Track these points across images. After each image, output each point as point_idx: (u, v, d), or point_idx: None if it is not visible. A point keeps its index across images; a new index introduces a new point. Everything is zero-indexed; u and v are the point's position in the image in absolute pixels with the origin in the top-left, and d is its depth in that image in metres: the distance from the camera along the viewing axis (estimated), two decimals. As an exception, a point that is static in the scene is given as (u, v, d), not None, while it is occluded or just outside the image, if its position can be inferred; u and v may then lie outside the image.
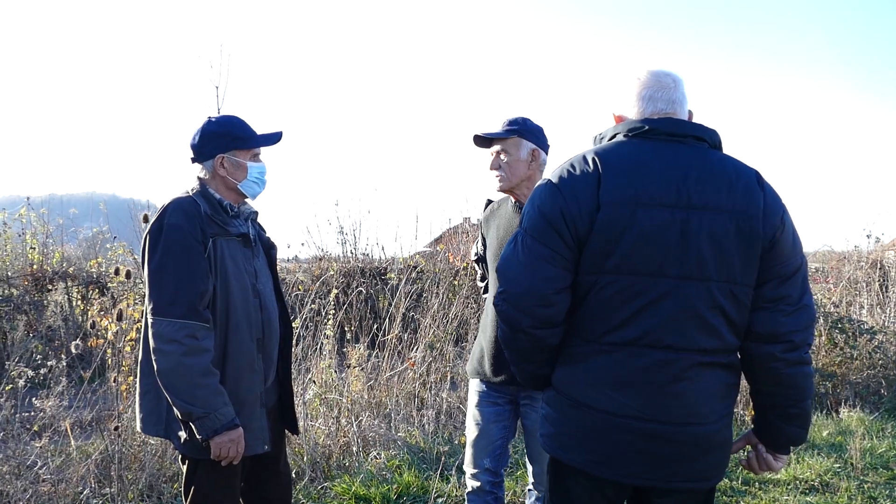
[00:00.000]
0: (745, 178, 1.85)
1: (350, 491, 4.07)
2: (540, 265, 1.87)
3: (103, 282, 9.65)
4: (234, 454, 2.36)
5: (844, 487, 4.54)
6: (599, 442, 1.88)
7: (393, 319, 6.05)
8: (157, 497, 3.94)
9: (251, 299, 2.50)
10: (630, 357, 1.84)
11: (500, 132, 2.87)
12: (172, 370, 2.27)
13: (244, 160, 2.53)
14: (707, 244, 1.79)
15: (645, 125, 1.89)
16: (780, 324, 1.84)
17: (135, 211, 9.61)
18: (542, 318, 1.90)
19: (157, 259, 2.32)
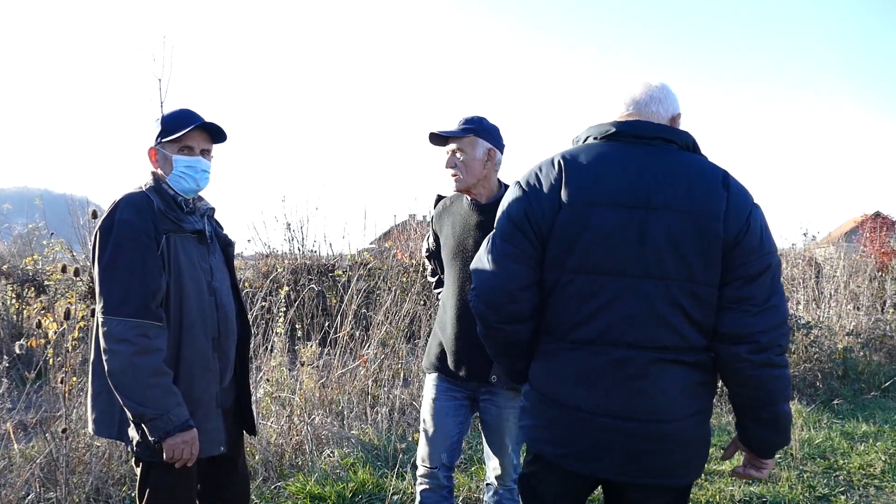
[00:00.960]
0: (709, 178, 1.87)
1: (304, 490, 4.03)
2: (505, 263, 1.95)
3: (40, 280, 9.32)
4: (187, 456, 2.29)
5: (786, 477, 4.71)
6: (568, 436, 1.94)
7: (345, 317, 6.01)
8: (105, 501, 3.83)
9: (206, 297, 2.44)
10: (592, 355, 1.89)
11: (456, 131, 2.86)
12: (123, 370, 2.20)
13: (171, 153, 2.43)
14: (665, 244, 1.82)
15: (612, 128, 1.95)
16: (745, 324, 1.84)
17: (73, 206, 9.31)
18: (509, 314, 1.98)
19: (108, 256, 2.24)
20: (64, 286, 8.42)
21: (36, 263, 9.59)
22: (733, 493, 4.44)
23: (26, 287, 9.45)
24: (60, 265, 5.02)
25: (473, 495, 4.16)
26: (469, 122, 2.88)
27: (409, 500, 3.97)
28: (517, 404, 2.87)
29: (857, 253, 11.76)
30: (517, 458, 2.98)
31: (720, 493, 4.41)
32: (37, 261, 9.69)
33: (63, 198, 9.93)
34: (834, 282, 9.07)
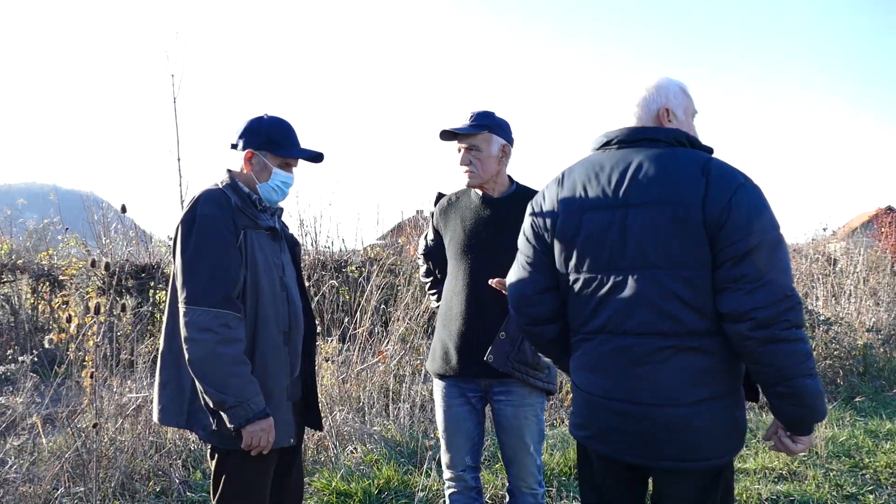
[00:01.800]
0: (687, 168, 1.95)
1: (330, 486, 4.01)
2: (522, 272, 2.23)
3: (55, 274, 9.33)
4: (265, 444, 2.35)
5: (812, 476, 4.67)
6: (590, 420, 2.12)
7: (364, 313, 6.00)
8: (131, 496, 3.83)
9: (279, 292, 2.50)
10: (600, 344, 2.06)
11: (470, 128, 2.82)
12: (205, 359, 2.27)
13: (272, 164, 2.53)
14: (644, 236, 1.95)
15: (604, 137, 2.13)
16: (741, 302, 1.86)
17: (87, 202, 9.31)
18: (532, 316, 2.23)
19: (192, 248, 2.32)
20: (80, 280, 8.43)
21: (51, 258, 9.60)
22: (760, 491, 4.40)
23: (41, 282, 9.47)
24: (90, 260, 5.01)
25: (499, 493, 4.13)
26: (482, 117, 2.85)
27: (435, 497, 3.95)
28: (534, 401, 2.84)
29: (871, 248, 11.69)
30: (539, 458, 2.92)
31: (746, 492, 4.37)
32: (52, 256, 9.71)
33: (73, 193, 9.94)
34: (853, 277, 9.00)
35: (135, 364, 4.72)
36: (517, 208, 2.82)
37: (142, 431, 4.23)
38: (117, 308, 4.66)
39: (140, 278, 8.79)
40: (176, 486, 3.98)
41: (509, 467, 2.94)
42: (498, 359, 2.74)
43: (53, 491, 3.64)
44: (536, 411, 2.87)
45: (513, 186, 2.93)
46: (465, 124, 2.84)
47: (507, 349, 2.75)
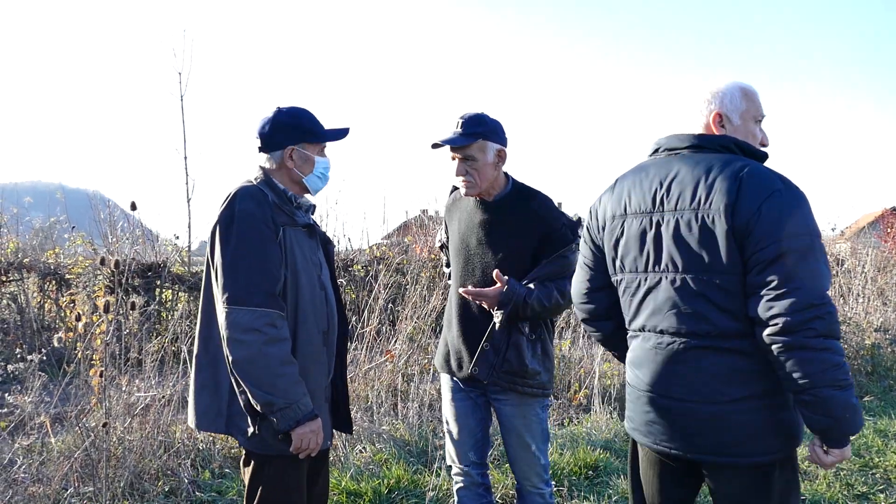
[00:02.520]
0: (721, 175, 1.98)
1: (340, 486, 4.00)
2: (580, 271, 2.39)
3: (61, 273, 9.33)
4: (314, 445, 2.30)
5: (822, 475, 4.65)
6: (635, 412, 2.23)
7: (372, 312, 5.98)
8: (140, 495, 3.82)
9: (317, 291, 2.44)
10: (643, 341, 2.17)
11: (464, 139, 2.72)
12: (252, 360, 2.19)
13: (313, 154, 2.48)
14: (675, 241, 2.04)
15: (655, 146, 2.23)
16: (766, 308, 1.88)
17: (94, 201, 9.32)
18: (587, 312, 2.38)
19: (232, 246, 2.24)
20: (86, 279, 8.43)
21: (57, 257, 9.60)
22: (771, 491, 4.37)
23: (48, 280, 9.47)
24: (99, 258, 5.00)
25: (510, 492, 4.11)
26: (474, 124, 2.74)
27: (444, 496, 3.94)
28: (533, 401, 2.83)
29: (878, 248, 11.63)
30: (545, 457, 2.90)
31: (758, 492, 4.35)
32: (58, 254, 9.71)
33: (78, 192, 9.95)
34: (861, 277, 8.96)
35: (143, 363, 4.70)
36: (511, 209, 2.81)
37: (150, 431, 4.21)
38: (126, 307, 4.65)
39: (146, 277, 8.79)
40: (185, 485, 3.96)
41: (514, 466, 2.94)
42: (482, 370, 2.75)
43: (63, 491, 3.63)
44: (537, 411, 2.85)
45: (509, 186, 2.86)
46: (456, 133, 2.73)
47: (491, 360, 2.75)
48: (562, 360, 6.56)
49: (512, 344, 2.74)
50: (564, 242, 2.77)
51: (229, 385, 2.29)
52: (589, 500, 4.11)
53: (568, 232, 2.79)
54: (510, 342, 2.74)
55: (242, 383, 2.22)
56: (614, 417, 5.76)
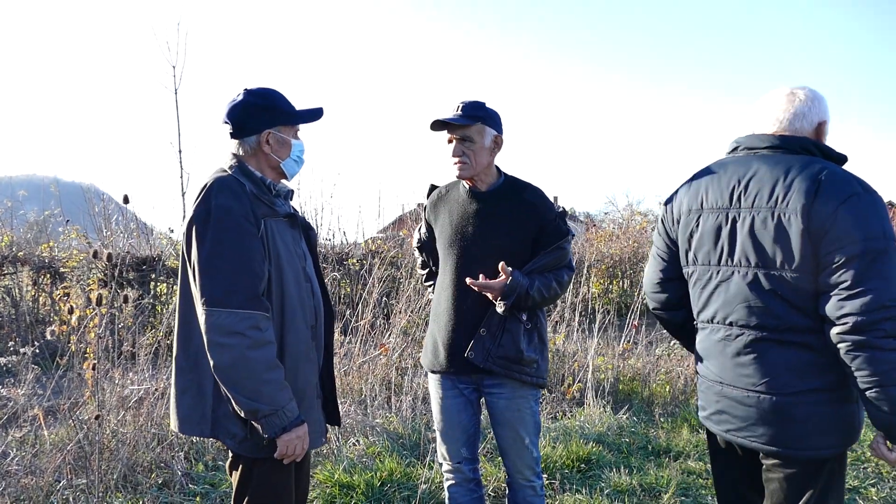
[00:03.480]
0: (799, 175, 2.05)
1: (333, 479, 4.01)
2: (653, 262, 2.51)
3: (56, 266, 9.31)
4: (300, 451, 2.22)
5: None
6: (706, 401, 2.34)
7: (366, 305, 5.99)
8: (133, 488, 3.82)
9: (303, 283, 2.33)
10: (711, 332, 2.28)
11: (465, 119, 2.75)
12: (235, 365, 2.07)
13: (289, 136, 2.36)
14: (750, 238, 2.12)
15: (735, 143, 2.32)
16: (838, 307, 1.95)
17: (88, 194, 9.30)
18: (661, 302, 2.50)
19: (209, 244, 2.10)
20: (81, 272, 8.42)
21: (52, 250, 9.58)
22: (762, 484, 4.39)
23: (42, 274, 9.45)
24: (91, 251, 4.99)
25: (501, 485, 4.13)
26: (475, 108, 2.78)
27: (437, 489, 3.95)
28: (526, 393, 2.84)
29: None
30: (537, 450, 2.92)
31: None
32: (52, 248, 9.69)
33: (74, 185, 9.91)
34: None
35: (136, 356, 4.70)
36: (504, 202, 2.82)
37: (144, 423, 4.22)
38: (119, 300, 4.64)
39: (141, 270, 8.78)
40: (178, 478, 3.97)
41: (506, 459, 2.94)
42: (478, 355, 2.75)
43: (55, 483, 3.63)
44: (530, 403, 2.86)
45: (500, 178, 2.88)
46: (457, 114, 2.76)
47: (487, 345, 2.75)
48: (556, 354, 6.57)
49: (507, 330, 2.75)
50: (559, 233, 2.81)
51: (213, 388, 2.18)
52: (581, 494, 4.13)
53: (561, 223, 2.83)
54: (505, 328, 2.75)
55: (225, 389, 2.12)
56: (607, 411, 5.78)
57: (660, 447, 5.14)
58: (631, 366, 6.92)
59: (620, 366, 6.77)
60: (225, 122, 2.34)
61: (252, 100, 2.32)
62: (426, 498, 3.86)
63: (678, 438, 5.37)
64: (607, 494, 4.15)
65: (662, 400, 6.41)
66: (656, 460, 4.89)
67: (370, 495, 3.91)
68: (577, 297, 7.23)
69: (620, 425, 5.52)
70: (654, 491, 4.28)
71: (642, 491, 4.27)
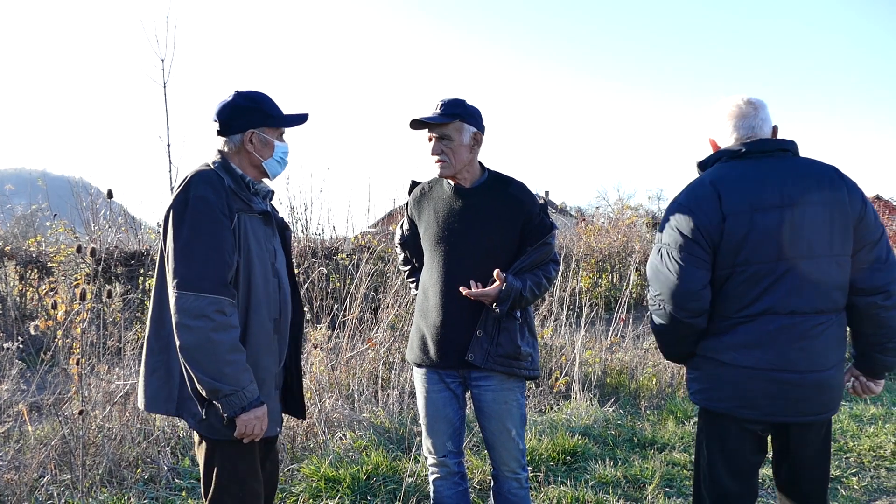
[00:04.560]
0: (828, 175, 2.41)
1: (319, 473, 4.02)
2: (688, 269, 2.45)
3: (43, 261, 9.28)
4: (258, 432, 2.32)
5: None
6: (743, 391, 2.44)
7: (353, 300, 5.99)
8: (119, 483, 3.82)
9: (271, 278, 2.45)
10: (762, 324, 2.39)
11: (441, 117, 2.77)
12: (200, 346, 2.20)
13: (272, 138, 2.50)
14: (810, 230, 2.35)
15: (742, 148, 2.47)
16: (878, 278, 2.39)
17: (76, 188, 9.24)
18: (695, 310, 2.48)
19: (185, 232, 2.25)
20: (68, 267, 8.39)
21: (39, 245, 9.54)
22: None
23: (29, 268, 9.41)
24: (75, 246, 4.98)
25: (486, 478, 4.15)
26: (453, 106, 2.79)
27: (423, 483, 3.96)
28: (514, 386, 2.86)
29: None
30: (522, 442, 2.94)
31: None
32: (40, 242, 9.65)
33: (63, 179, 9.85)
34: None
35: (123, 351, 4.70)
36: (489, 197, 2.84)
37: (130, 419, 4.22)
38: (104, 295, 4.63)
39: (129, 265, 8.76)
40: (164, 473, 3.97)
41: (492, 452, 2.96)
42: (478, 357, 2.77)
43: (39, 479, 3.63)
44: (517, 395, 2.88)
45: (484, 175, 2.91)
46: (435, 113, 2.78)
47: (485, 346, 2.77)
48: (543, 348, 6.59)
49: (504, 329, 2.78)
50: (544, 228, 2.84)
51: (181, 368, 2.29)
52: (566, 486, 4.15)
53: (545, 217, 2.87)
54: (501, 327, 2.78)
55: (189, 369, 2.24)
56: (594, 404, 5.81)
57: (645, 439, 5.18)
58: (618, 359, 6.96)
59: (608, 359, 6.80)
60: (213, 120, 2.48)
61: (240, 101, 2.47)
62: (411, 491, 3.88)
63: (664, 431, 5.42)
64: (592, 486, 4.18)
65: (649, 393, 6.45)
66: (641, 452, 4.92)
67: (356, 489, 3.92)
68: (565, 292, 7.25)
69: (607, 418, 5.55)
70: (638, 482, 4.31)
71: (627, 483, 4.30)
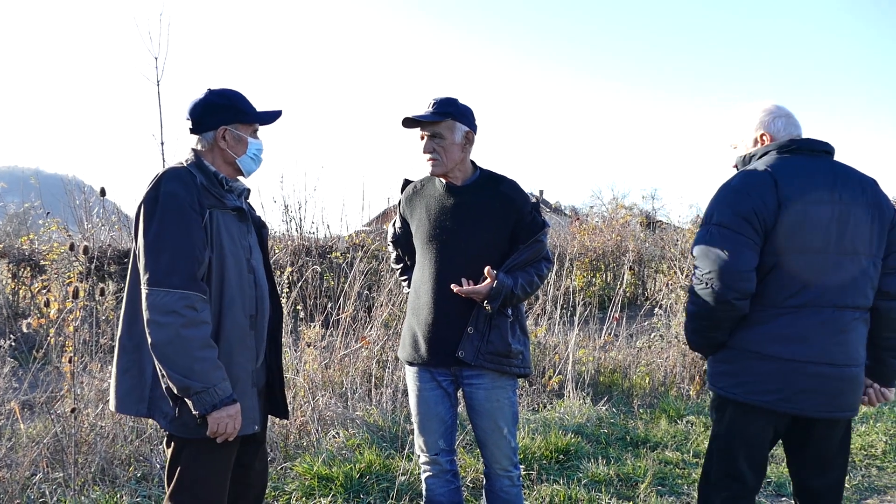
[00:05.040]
0: (869, 181, 2.57)
1: (312, 471, 4.02)
2: (739, 250, 2.47)
3: (36, 259, 9.25)
4: (231, 430, 2.29)
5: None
6: (781, 384, 2.47)
7: (347, 298, 5.99)
8: (111, 481, 3.82)
9: (245, 275, 2.44)
10: (806, 316, 2.45)
11: (433, 116, 2.78)
12: (170, 343, 2.18)
13: (245, 135, 2.49)
14: (855, 228, 2.46)
15: (792, 144, 2.57)
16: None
17: (69, 186, 9.20)
18: (743, 291, 2.49)
19: (155, 227, 2.23)
20: (61, 265, 8.36)
21: (32, 243, 9.51)
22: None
23: (22, 266, 9.39)
24: (68, 244, 4.97)
25: (479, 476, 4.16)
26: (445, 105, 2.81)
27: (416, 481, 3.97)
28: (506, 384, 2.87)
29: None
30: (514, 440, 2.95)
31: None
32: (33, 240, 9.62)
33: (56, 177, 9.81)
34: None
35: (115, 349, 4.69)
36: (481, 195, 2.85)
37: (122, 417, 4.21)
38: (97, 293, 4.62)
39: (122, 263, 8.75)
40: (157, 471, 3.96)
41: (484, 450, 2.97)
42: (469, 354, 2.78)
43: (31, 477, 3.62)
44: (508, 393, 2.89)
45: (476, 173, 2.92)
46: (427, 111, 2.79)
47: (476, 343, 2.78)
48: (536, 347, 6.60)
49: (494, 326, 2.79)
50: (536, 225, 2.85)
51: (153, 368, 2.27)
52: (558, 484, 4.16)
53: (537, 215, 2.87)
54: (492, 324, 2.79)
55: (160, 366, 2.21)
56: (587, 403, 5.82)
57: (638, 438, 5.19)
58: (612, 358, 6.97)
59: (601, 358, 6.82)
60: (186, 118, 2.48)
61: (212, 98, 2.46)
62: (404, 489, 3.89)
63: (656, 429, 5.43)
64: (584, 485, 4.19)
65: (642, 392, 6.47)
66: (634, 451, 4.94)
67: (349, 487, 3.92)
68: (558, 291, 7.26)
69: (600, 416, 5.57)
70: (631, 481, 4.32)
71: (619, 481, 4.31)
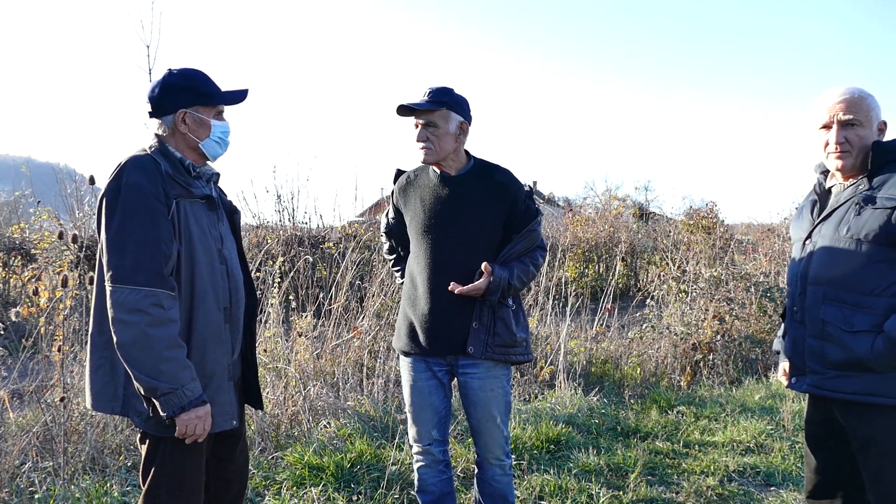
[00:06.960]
0: None
1: (303, 461, 4.02)
2: None
3: (27, 248, 9.20)
4: (200, 432, 2.21)
5: (777, 448, 4.77)
6: None
7: (339, 288, 5.98)
8: (101, 470, 3.81)
9: (217, 266, 2.33)
10: None
11: (429, 104, 2.77)
12: (135, 342, 2.08)
13: (208, 117, 2.35)
14: None
15: None
16: None
17: (60, 175, 9.15)
18: None
19: (117, 221, 2.11)
20: (52, 254, 8.32)
21: (23, 232, 9.46)
22: (727, 463, 4.48)
23: (13, 255, 9.34)
24: (57, 233, 4.94)
25: (471, 465, 4.16)
26: (441, 94, 2.79)
27: (406, 471, 3.98)
28: (500, 373, 2.88)
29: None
30: (507, 429, 2.96)
31: (714, 464, 4.46)
32: (23, 229, 9.57)
33: (47, 166, 9.75)
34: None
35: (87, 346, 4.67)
36: (475, 184, 2.85)
37: (113, 406, 4.20)
38: (87, 281, 4.60)
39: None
40: (147, 460, 3.96)
41: (477, 439, 2.97)
42: (477, 349, 2.79)
43: (21, 465, 3.61)
44: (503, 383, 2.90)
45: (471, 163, 2.91)
46: (422, 100, 2.78)
47: (483, 337, 2.79)
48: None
49: (499, 318, 2.81)
50: (530, 214, 2.86)
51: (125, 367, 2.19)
52: (549, 473, 4.17)
53: (530, 203, 2.88)
54: (496, 316, 2.80)
55: (127, 366, 2.13)
56: (578, 393, 5.84)
57: (629, 428, 5.21)
58: (603, 349, 6.99)
59: (593, 348, 6.84)
60: (146, 102, 2.33)
61: (171, 79, 2.32)
62: (395, 479, 3.89)
63: (647, 419, 5.45)
64: (575, 474, 4.20)
65: (633, 382, 6.49)
66: (624, 441, 4.96)
67: (340, 476, 3.93)
68: (551, 281, 7.27)
69: (591, 407, 5.59)
70: (621, 470, 4.34)
71: (609, 471, 4.33)
